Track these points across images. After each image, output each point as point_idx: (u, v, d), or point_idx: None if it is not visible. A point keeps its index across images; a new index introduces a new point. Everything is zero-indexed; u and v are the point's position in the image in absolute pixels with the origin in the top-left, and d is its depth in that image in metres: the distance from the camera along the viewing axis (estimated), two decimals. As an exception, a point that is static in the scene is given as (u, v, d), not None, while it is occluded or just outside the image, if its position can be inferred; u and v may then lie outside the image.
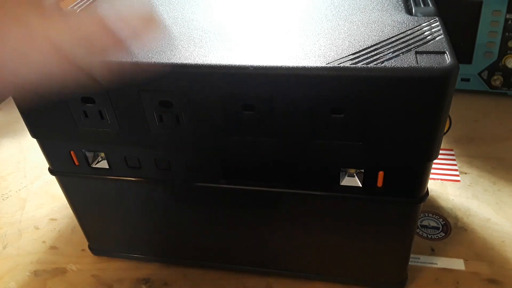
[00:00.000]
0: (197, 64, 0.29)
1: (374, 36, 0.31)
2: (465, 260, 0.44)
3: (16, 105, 0.35)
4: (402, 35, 0.30)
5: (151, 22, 0.33)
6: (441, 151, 0.57)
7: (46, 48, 0.24)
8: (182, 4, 0.39)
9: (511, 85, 0.66)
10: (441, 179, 0.54)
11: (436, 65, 0.27)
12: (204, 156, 0.35)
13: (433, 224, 0.48)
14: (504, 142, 0.59)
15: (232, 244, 0.42)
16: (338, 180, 0.34)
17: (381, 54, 0.28)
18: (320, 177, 0.34)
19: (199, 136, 0.33)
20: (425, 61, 0.27)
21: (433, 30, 0.31)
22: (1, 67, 0.24)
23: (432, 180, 0.54)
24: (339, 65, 0.27)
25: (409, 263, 0.40)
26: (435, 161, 0.31)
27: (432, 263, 0.44)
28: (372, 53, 0.28)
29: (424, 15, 0.33)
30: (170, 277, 0.44)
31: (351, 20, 0.33)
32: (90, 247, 0.47)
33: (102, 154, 0.37)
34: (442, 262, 0.44)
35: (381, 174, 0.32)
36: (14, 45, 0.24)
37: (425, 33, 0.30)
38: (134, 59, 0.30)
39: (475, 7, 0.62)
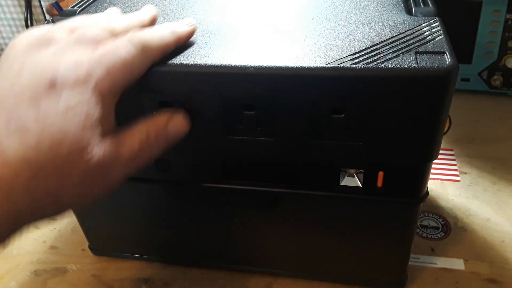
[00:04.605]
0: (197, 64, 0.29)
1: (374, 36, 0.31)
2: (465, 260, 0.44)
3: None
4: (402, 35, 0.30)
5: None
6: (441, 151, 0.57)
7: None
8: (182, 5, 0.39)
9: (511, 85, 0.66)
10: (441, 179, 0.54)
11: (436, 65, 0.27)
12: (204, 156, 0.35)
13: (433, 224, 0.48)
14: (504, 142, 0.59)
15: (232, 244, 0.42)
16: (338, 180, 0.34)
17: (381, 54, 0.28)
18: (320, 177, 0.34)
19: (199, 136, 0.33)
20: (425, 61, 0.27)
21: (433, 30, 0.31)
22: None
23: (432, 180, 0.54)
24: (339, 65, 0.27)
25: (409, 263, 0.40)
26: (435, 161, 0.31)
27: (432, 263, 0.44)
28: (372, 53, 0.28)
29: (424, 15, 0.33)
30: (170, 277, 0.44)
31: (351, 20, 0.33)
32: (90, 247, 0.47)
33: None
34: (442, 262, 0.44)
35: (381, 174, 0.32)
36: None
37: (425, 33, 0.30)
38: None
39: (475, 7, 0.62)
